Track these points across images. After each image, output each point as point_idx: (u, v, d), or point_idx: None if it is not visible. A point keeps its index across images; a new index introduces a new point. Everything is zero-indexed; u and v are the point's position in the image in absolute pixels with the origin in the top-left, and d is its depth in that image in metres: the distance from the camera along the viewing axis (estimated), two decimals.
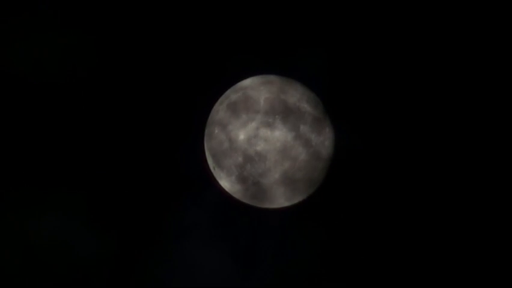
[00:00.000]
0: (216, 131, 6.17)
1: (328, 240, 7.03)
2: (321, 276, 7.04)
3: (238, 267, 7.12)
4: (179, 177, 7.04)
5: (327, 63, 6.85)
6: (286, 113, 5.96)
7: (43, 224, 7.00)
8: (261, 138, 5.88)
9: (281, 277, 7.05)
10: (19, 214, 6.96)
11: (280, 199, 6.30)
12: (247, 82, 6.33)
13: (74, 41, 6.93)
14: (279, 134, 5.88)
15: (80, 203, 7.02)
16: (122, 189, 7.05)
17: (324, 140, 6.14)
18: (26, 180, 6.94)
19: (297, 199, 6.40)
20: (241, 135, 5.94)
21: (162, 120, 7.03)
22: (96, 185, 7.01)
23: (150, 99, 7.00)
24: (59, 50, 6.94)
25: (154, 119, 7.02)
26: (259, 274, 7.09)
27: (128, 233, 7.07)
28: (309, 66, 6.81)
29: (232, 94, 6.28)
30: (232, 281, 7.10)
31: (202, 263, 7.12)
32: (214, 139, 6.20)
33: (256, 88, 6.16)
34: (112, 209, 7.04)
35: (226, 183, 6.28)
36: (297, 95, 6.14)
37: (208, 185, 6.58)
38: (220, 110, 6.24)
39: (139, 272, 7.09)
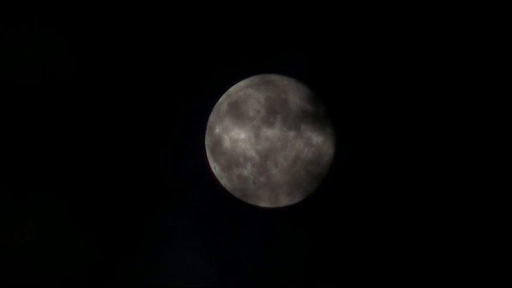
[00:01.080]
0: (217, 130, 6.17)
1: (327, 241, 7.03)
2: (311, 279, 7.02)
3: (222, 271, 7.09)
4: (177, 177, 7.04)
5: (328, 63, 6.86)
6: (287, 112, 5.96)
7: (24, 229, 6.91)
8: (262, 137, 5.88)
9: (263, 280, 7.03)
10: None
11: (280, 199, 6.30)
12: (248, 81, 6.34)
13: (66, 43, 6.91)
14: (279, 133, 5.88)
15: (63, 207, 6.95)
16: (108, 192, 6.99)
17: (325, 140, 6.13)
18: (5, 185, 6.85)
19: (297, 199, 6.40)
20: (242, 135, 5.94)
21: (162, 120, 7.02)
22: (79, 188, 6.95)
23: (149, 99, 7.00)
24: (43, 52, 6.90)
25: (152, 119, 7.02)
26: (242, 277, 7.06)
27: (110, 237, 7.00)
28: (310, 66, 6.82)
29: (233, 93, 6.29)
30: (214, 284, 7.08)
31: (185, 267, 7.08)
32: (214, 138, 6.20)
33: (257, 87, 6.16)
34: (94, 214, 6.97)
35: (227, 182, 6.28)
36: (298, 95, 6.14)
37: (206, 185, 6.60)
38: (221, 109, 6.24)
39: (122, 276, 7.03)
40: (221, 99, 6.39)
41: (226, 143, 6.05)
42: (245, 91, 6.17)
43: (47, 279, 6.94)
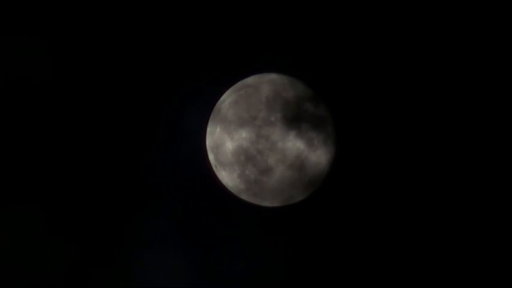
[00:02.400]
0: (218, 129, 6.16)
1: (326, 241, 7.02)
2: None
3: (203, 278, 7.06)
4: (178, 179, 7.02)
5: (329, 62, 6.86)
6: (288, 112, 5.95)
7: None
8: (263, 136, 5.87)
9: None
10: None
11: (281, 198, 6.30)
12: (249, 80, 6.33)
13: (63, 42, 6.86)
14: (280, 132, 5.88)
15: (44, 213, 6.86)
16: (90, 196, 6.91)
17: (326, 139, 6.13)
18: None
19: (298, 198, 6.40)
20: (243, 134, 5.93)
21: (162, 120, 7.01)
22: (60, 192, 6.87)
23: (149, 98, 6.98)
24: (20, 55, 6.83)
25: (151, 118, 7.00)
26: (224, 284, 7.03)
27: (87, 244, 6.93)
28: (311, 65, 6.81)
29: (233, 92, 6.28)
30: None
31: (165, 274, 7.03)
32: (215, 137, 6.19)
33: (258, 86, 6.15)
34: (72, 221, 6.89)
35: (228, 181, 6.27)
36: (299, 94, 6.14)
37: (208, 183, 6.58)
38: (222, 108, 6.23)
39: (99, 284, 6.96)
40: (222, 99, 6.38)
41: (228, 143, 6.04)
42: (246, 90, 6.16)
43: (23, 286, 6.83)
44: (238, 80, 6.38)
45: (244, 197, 6.32)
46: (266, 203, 6.33)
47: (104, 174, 6.89)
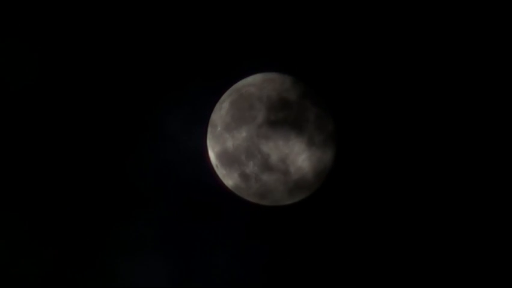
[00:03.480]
0: (219, 128, 6.16)
1: (326, 241, 7.02)
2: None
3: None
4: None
5: (330, 61, 6.86)
6: (288, 111, 5.96)
7: None
8: (264, 135, 5.88)
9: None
10: None
11: (281, 197, 6.30)
12: (249, 80, 6.34)
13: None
14: (281, 132, 5.88)
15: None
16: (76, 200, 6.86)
17: (326, 139, 6.14)
18: None
19: (298, 198, 6.40)
20: (244, 133, 5.93)
21: (161, 119, 7.00)
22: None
23: (150, 98, 6.98)
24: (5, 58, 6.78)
25: (151, 118, 6.99)
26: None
27: (68, 248, 6.88)
28: (312, 64, 6.82)
29: (234, 92, 6.28)
30: None
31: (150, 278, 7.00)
32: (216, 137, 6.20)
33: (258, 86, 6.16)
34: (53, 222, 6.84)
35: (229, 180, 6.27)
36: (299, 93, 6.14)
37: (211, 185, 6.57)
38: (222, 108, 6.23)
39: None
40: (222, 98, 6.39)
41: (229, 142, 6.05)
42: (247, 89, 6.17)
43: None
44: (237, 81, 6.41)
45: (245, 195, 6.33)
46: (265, 202, 6.34)
47: (90, 179, 6.84)
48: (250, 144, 5.91)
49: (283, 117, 5.91)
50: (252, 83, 6.25)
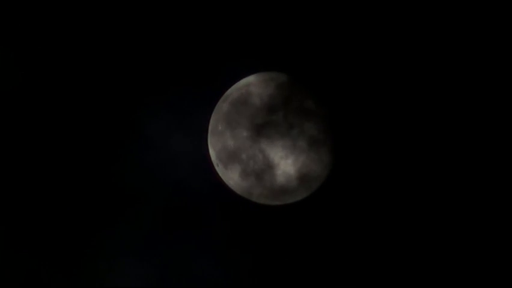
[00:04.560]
0: (220, 127, 6.17)
1: (325, 242, 7.02)
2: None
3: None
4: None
5: (330, 61, 6.88)
6: (289, 110, 5.97)
7: None
8: (264, 135, 5.88)
9: None
10: None
11: (281, 197, 6.31)
12: (250, 79, 6.34)
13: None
14: (282, 131, 5.89)
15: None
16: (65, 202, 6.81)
17: (326, 139, 6.15)
18: None
19: (298, 197, 6.40)
20: (244, 132, 5.94)
21: (161, 119, 7.00)
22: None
23: (150, 97, 6.97)
24: None
25: (151, 118, 6.98)
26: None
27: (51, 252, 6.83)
28: (312, 64, 6.83)
29: (235, 91, 6.29)
30: None
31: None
32: (217, 136, 6.20)
33: (259, 85, 6.17)
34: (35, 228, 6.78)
35: (229, 180, 6.27)
36: (300, 93, 6.15)
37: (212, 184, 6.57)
38: (223, 107, 6.24)
39: None
40: (223, 98, 6.39)
41: (229, 141, 6.05)
42: (247, 89, 6.17)
43: None
44: (238, 80, 6.42)
45: (245, 195, 6.33)
46: (268, 201, 6.34)
47: (77, 182, 6.80)
48: (251, 143, 5.91)
49: (284, 116, 5.91)
50: (253, 82, 6.26)
